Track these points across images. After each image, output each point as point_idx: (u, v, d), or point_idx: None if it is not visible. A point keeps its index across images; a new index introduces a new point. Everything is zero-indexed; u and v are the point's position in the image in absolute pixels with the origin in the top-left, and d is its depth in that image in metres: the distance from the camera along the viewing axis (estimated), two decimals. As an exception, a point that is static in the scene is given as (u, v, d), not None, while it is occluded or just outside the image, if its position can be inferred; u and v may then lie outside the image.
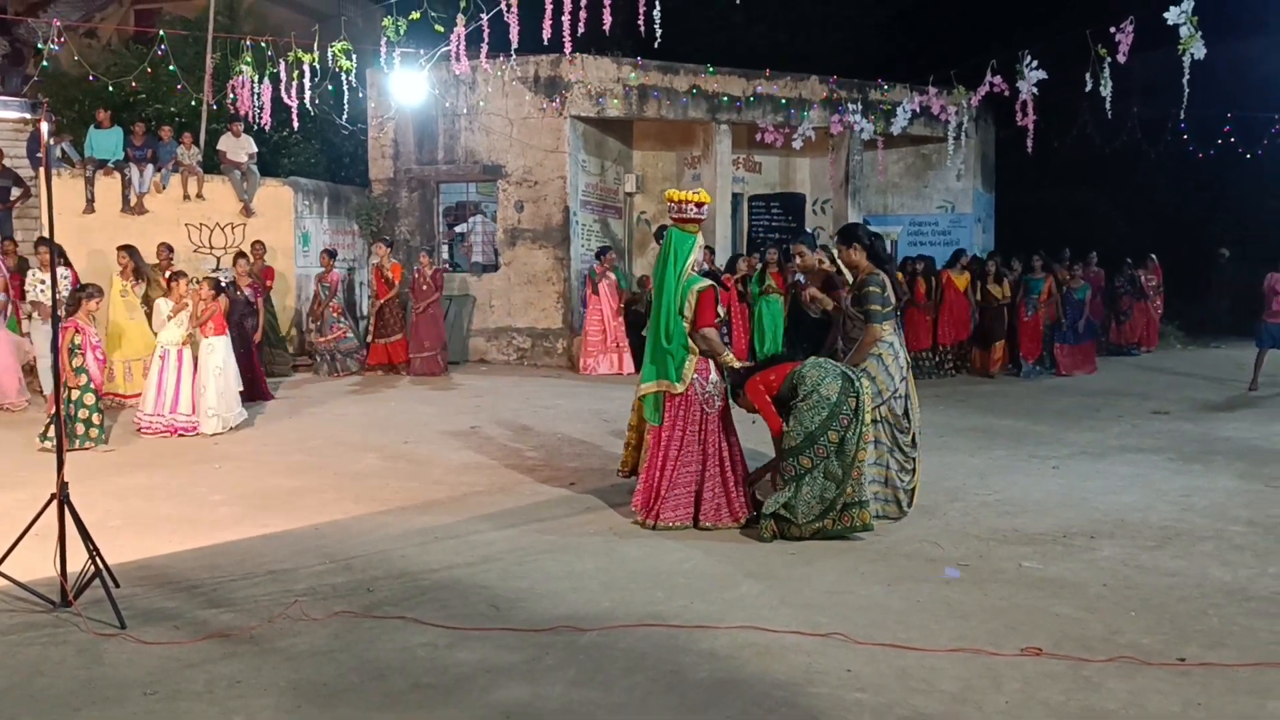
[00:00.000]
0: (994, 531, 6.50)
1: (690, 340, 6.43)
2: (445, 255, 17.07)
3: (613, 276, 15.10)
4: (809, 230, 17.33)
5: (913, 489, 6.84)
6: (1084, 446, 9.36)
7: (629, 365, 14.59)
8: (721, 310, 7.13)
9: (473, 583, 5.47)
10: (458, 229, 17.86)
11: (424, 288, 14.61)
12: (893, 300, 6.80)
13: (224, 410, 10.03)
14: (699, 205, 6.55)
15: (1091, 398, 12.51)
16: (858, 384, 6.25)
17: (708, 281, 6.55)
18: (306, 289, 15.59)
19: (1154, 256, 18.28)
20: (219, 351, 10.06)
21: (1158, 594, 5.29)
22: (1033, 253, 15.47)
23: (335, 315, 14.41)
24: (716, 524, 6.49)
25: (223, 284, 10.58)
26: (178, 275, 10.42)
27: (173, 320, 9.97)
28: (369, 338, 14.80)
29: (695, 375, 6.46)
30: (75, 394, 9.13)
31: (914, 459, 6.81)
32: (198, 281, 10.31)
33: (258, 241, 14.25)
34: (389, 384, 13.60)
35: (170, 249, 12.84)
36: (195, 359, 10.02)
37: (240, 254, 13.58)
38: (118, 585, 5.18)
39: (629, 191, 18.07)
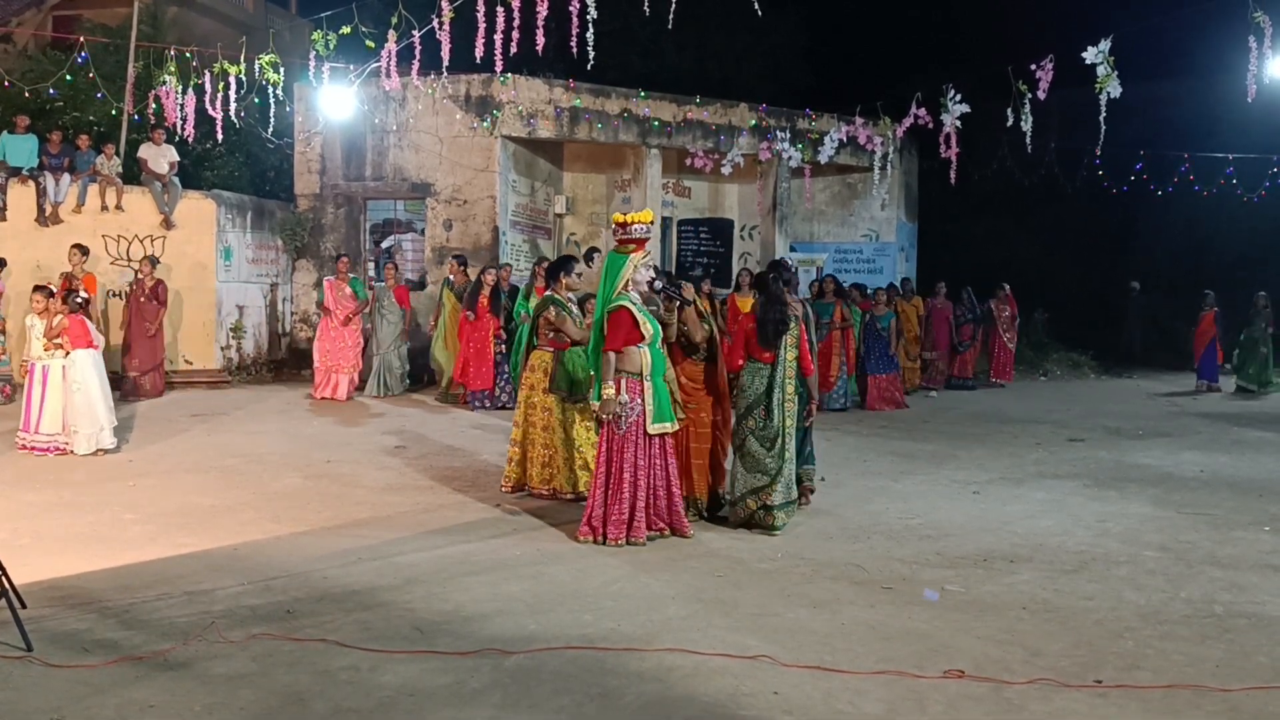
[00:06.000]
0: (917, 555, 6.59)
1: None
2: (371, 272, 16.87)
3: (348, 290, 13.47)
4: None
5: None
6: (1003, 472, 9.54)
7: (343, 389, 13.21)
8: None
9: (397, 605, 5.38)
10: (384, 244, 17.69)
11: (141, 299, 13.10)
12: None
13: (87, 428, 9.34)
14: (624, 226, 6.67)
15: (1008, 425, 12.77)
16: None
17: (620, 303, 6.54)
18: (228, 304, 15.29)
19: (1006, 287, 17.43)
20: (78, 366, 9.39)
21: (1075, 617, 5.40)
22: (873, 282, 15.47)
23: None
24: (653, 533, 6.71)
25: (80, 300, 9.86)
26: (38, 289, 9.89)
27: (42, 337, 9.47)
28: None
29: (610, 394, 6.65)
30: None
31: None
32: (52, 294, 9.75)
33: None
34: (318, 404, 13.34)
35: (84, 251, 12.58)
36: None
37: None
38: (25, 606, 4.99)
39: (559, 213, 18.07)
